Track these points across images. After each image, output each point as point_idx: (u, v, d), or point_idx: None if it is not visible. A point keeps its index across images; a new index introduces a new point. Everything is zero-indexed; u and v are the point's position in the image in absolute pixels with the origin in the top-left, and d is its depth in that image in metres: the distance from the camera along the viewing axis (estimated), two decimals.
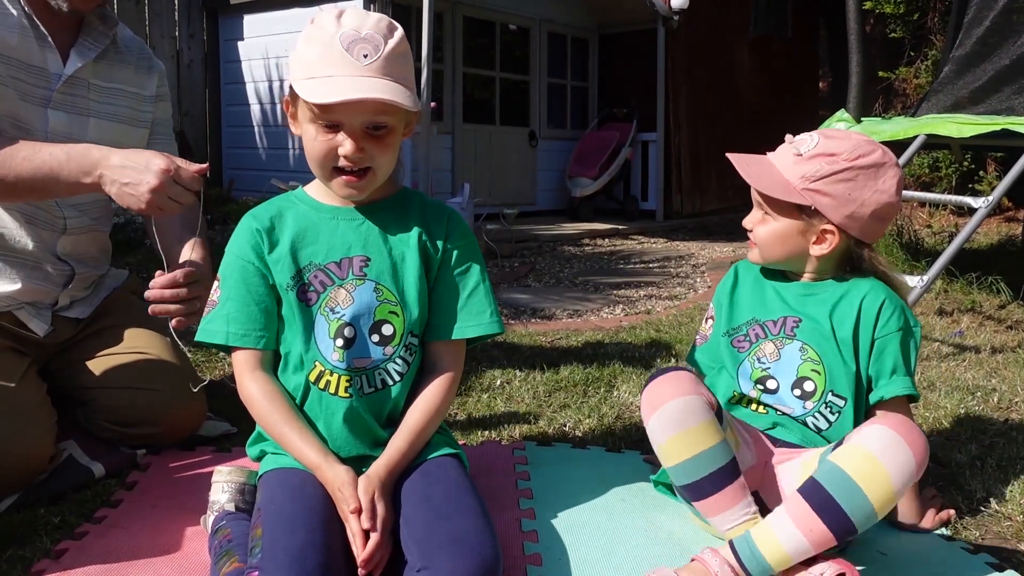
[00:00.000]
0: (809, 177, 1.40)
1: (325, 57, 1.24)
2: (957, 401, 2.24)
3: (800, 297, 1.50)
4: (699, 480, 1.35)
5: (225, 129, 7.33)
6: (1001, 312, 3.47)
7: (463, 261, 1.41)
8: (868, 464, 1.19)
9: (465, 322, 1.40)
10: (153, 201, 1.50)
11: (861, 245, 1.45)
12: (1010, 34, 3.47)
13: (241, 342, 1.35)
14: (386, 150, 1.31)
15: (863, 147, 1.40)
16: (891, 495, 1.19)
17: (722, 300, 1.59)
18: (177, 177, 1.50)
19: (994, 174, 7.07)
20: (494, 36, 7.70)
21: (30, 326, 1.76)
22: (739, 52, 8.78)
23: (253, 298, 1.35)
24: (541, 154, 8.07)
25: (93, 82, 1.78)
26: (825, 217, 1.41)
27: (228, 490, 1.41)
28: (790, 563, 1.20)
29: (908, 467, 1.19)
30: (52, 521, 1.49)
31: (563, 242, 6.34)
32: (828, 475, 1.22)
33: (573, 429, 2.03)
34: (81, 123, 1.76)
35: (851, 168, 1.38)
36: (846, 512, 1.19)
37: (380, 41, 1.26)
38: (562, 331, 3.12)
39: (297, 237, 1.36)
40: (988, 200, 2.73)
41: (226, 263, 1.38)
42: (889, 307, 1.43)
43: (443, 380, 1.40)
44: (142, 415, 1.78)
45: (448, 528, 1.19)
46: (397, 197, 1.42)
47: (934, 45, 7.90)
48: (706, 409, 1.35)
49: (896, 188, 1.40)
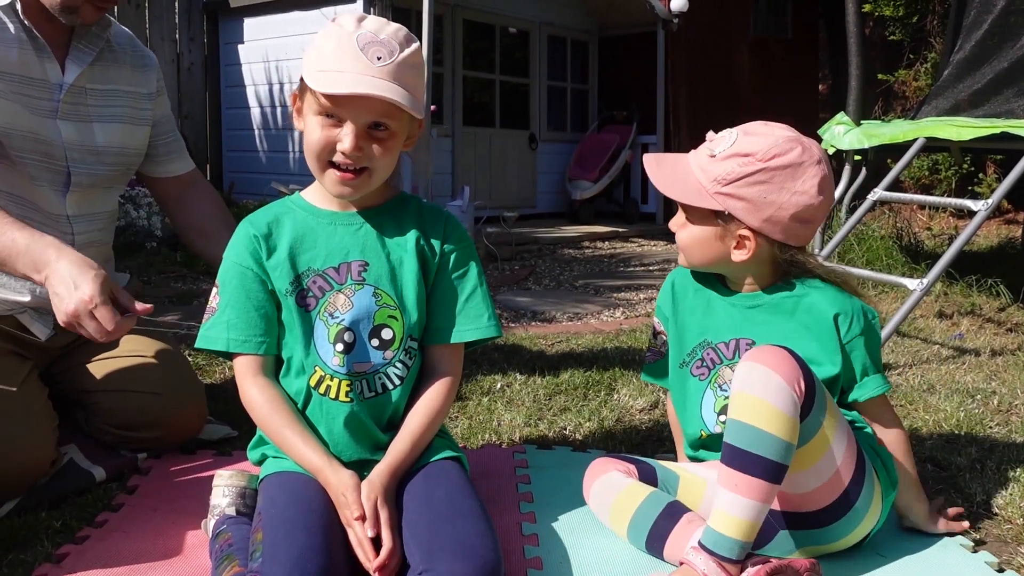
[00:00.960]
0: (721, 180, 1.32)
1: (339, 53, 1.26)
2: (957, 404, 2.24)
3: (746, 312, 1.43)
4: (649, 532, 1.35)
5: (225, 132, 7.33)
6: (1001, 315, 3.47)
7: (461, 265, 1.42)
8: (745, 401, 1.22)
9: (463, 326, 1.40)
10: (68, 323, 1.48)
11: (787, 249, 1.36)
12: (1009, 37, 3.48)
13: (242, 348, 1.35)
14: (385, 153, 1.31)
15: (780, 146, 1.30)
16: (780, 416, 1.19)
17: (666, 313, 1.54)
18: (95, 313, 1.46)
19: (993, 176, 7.08)
20: (494, 39, 7.71)
21: (32, 330, 1.76)
22: (739, 54, 8.79)
23: (253, 304, 1.35)
24: (541, 157, 8.08)
25: (91, 87, 1.78)
26: (741, 222, 1.33)
27: (229, 494, 1.41)
28: (753, 527, 1.20)
29: (776, 384, 1.20)
30: (53, 525, 1.49)
31: (563, 245, 6.34)
32: (729, 431, 1.24)
33: (573, 432, 2.03)
34: (88, 130, 1.77)
35: (765, 169, 1.29)
36: (758, 454, 1.20)
37: (396, 47, 1.28)
38: (562, 334, 3.13)
39: (295, 243, 1.37)
40: (988, 203, 2.74)
41: (224, 269, 1.38)
42: (845, 316, 1.36)
43: (442, 383, 1.40)
44: (143, 418, 1.79)
45: (450, 531, 1.19)
46: (394, 202, 1.42)
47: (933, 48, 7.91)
48: (622, 477, 1.45)
49: (818, 187, 1.31)
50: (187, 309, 3.58)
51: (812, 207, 1.32)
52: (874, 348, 1.39)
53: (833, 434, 1.27)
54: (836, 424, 1.28)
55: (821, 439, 1.26)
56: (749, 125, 1.36)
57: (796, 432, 1.22)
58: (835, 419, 1.28)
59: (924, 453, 1.90)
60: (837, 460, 1.28)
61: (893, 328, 2.61)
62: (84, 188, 1.78)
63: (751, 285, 1.43)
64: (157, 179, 1.99)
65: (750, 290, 1.43)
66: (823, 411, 1.26)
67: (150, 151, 1.95)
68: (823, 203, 1.33)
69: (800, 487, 1.29)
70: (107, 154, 1.81)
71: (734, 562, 1.20)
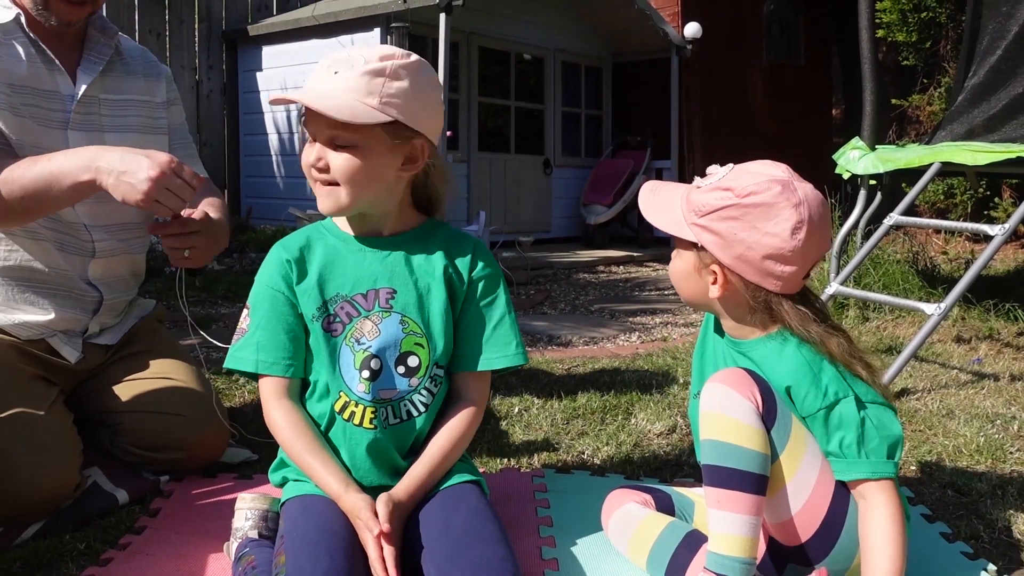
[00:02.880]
0: (698, 211, 1.29)
1: (313, 72, 1.31)
2: (976, 429, 2.23)
3: (729, 361, 1.37)
4: (669, 564, 1.36)
5: (244, 158, 7.43)
6: (1019, 339, 3.45)
7: (489, 292, 1.43)
8: (709, 420, 1.24)
9: (491, 354, 1.42)
10: (151, 192, 1.48)
11: (761, 292, 1.28)
12: (1022, 62, 3.49)
13: (270, 370, 1.37)
14: (349, 168, 1.29)
15: (760, 184, 1.25)
16: (742, 427, 1.21)
17: (695, 353, 1.53)
18: (179, 170, 1.49)
19: (1009, 200, 7.05)
20: (509, 65, 7.79)
21: (62, 353, 1.79)
22: (752, 80, 8.84)
23: (283, 327, 1.37)
24: (556, 182, 8.13)
25: (104, 97, 1.80)
26: (714, 257, 1.29)
27: (251, 517, 1.43)
28: (749, 542, 1.20)
29: (732, 397, 1.22)
30: (78, 548, 1.51)
31: (578, 269, 6.36)
32: (702, 452, 1.26)
33: (592, 457, 2.04)
34: (99, 140, 1.78)
35: (738, 205, 1.25)
36: (732, 467, 1.21)
37: (360, 61, 1.28)
38: (579, 358, 3.13)
39: (324, 268, 1.39)
40: (1005, 227, 2.74)
41: (255, 292, 1.41)
42: (800, 390, 1.26)
43: (468, 411, 1.42)
44: (167, 440, 1.81)
45: (470, 556, 1.20)
46: (423, 228, 1.44)
47: (947, 73, 7.92)
48: (639, 508, 1.46)
49: (791, 230, 1.23)
50: (207, 334, 3.61)
51: (784, 251, 1.24)
52: (845, 427, 1.25)
53: (802, 453, 1.25)
54: (804, 444, 1.26)
55: (789, 457, 1.25)
56: (751, 163, 1.33)
57: (765, 441, 1.22)
58: (802, 440, 1.26)
59: (944, 479, 1.89)
60: (811, 481, 1.25)
61: (911, 353, 2.61)
62: (94, 199, 1.75)
63: (734, 331, 1.37)
64: None
65: (735, 336, 1.38)
66: (787, 428, 1.25)
67: None
68: (799, 249, 1.24)
69: (779, 515, 1.28)
70: None
71: None
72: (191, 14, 7.09)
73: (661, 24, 7.60)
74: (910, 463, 2.01)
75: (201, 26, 7.17)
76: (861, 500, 1.25)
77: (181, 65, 7.01)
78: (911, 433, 2.23)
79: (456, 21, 6.10)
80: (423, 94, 1.32)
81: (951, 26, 7.45)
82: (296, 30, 6.76)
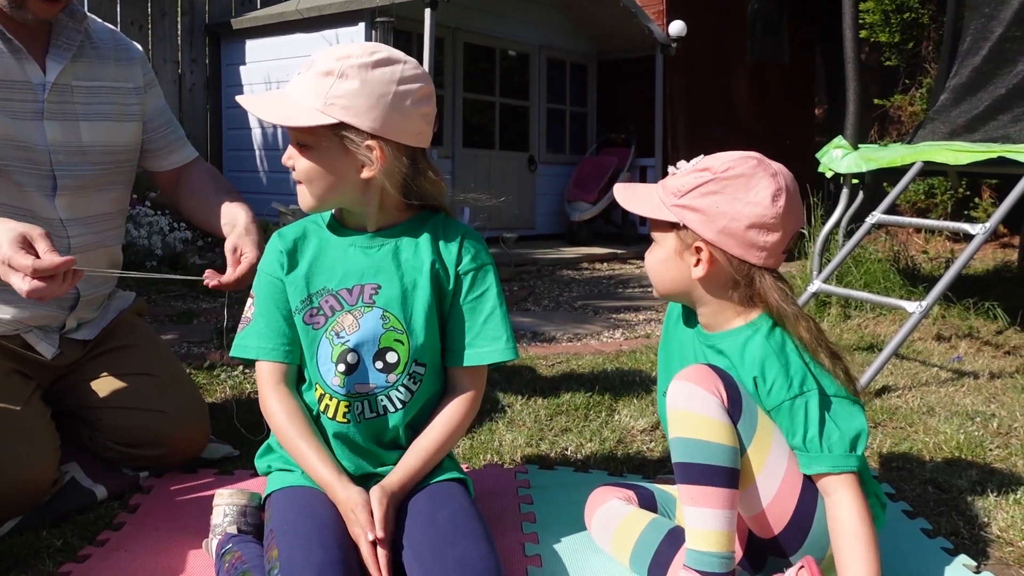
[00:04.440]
0: (677, 192, 1.30)
1: None
2: (956, 426, 2.25)
3: (699, 355, 1.37)
4: (651, 560, 1.36)
5: (226, 152, 7.37)
6: (999, 338, 3.48)
7: (478, 286, 1.42)
8: (676, 417, 1.25)
9: (480, 347, 1.41)
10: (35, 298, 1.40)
11: (744, 266, 1.29)
12: (1005, 63, 3.52)
13: (267, 356, 1.38)
14: (306, 169, 1.31)
15: (737, 162, 1.28)
16: (709, 421, 1.22)
17: (660, 351, 1.52)
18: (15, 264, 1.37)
19: (989, 200, 7.12)
20: (494, 62, 7.77)
21: (38, 349, 1.76)
22: (736, 78, 8.87)
23: (281, 313, 1.39)
24: (540, 179, 8.12)
25: (76, 84, 1.76)
26: (697, 235, 1.29)
27: (230, 513, 1.41)
28: (725, 536, 1.21)
29: (697, 393, 1.23)
30: (54, 544, 1.49)
31: (562, 266, 6.36)
32: (672, 450, 1.26)
33: (575, 453, 2.04)
34: (73, 128, 1.74)
35: (717, 179, 1.27)
36: (702, 463, 1.22)
37: (319, 61, 1.29)
38: (562, 355, 3.13)
39: (315, 261, 1.39)
40: (985, 227, 2.76)
41: (258, 280, 1.43)
42: (767, 381, 1.27)
43: (462, 403, 1.42)
44: (147, 436, 1.79)
45: (453, 553, 1.20)
46: (414, 221, 1.42)
47: (928, 73, 7.98)
48: (622, 505, 1.47)
49: (771, 197, 1.26)
50: (187, 328, 3.58)
51: (766, 218, 1.26)
52: (808, 421, 1.25)
53: (769, 445, 1.26)
54: (771, 437, 1.26)
55: (757, 450, 1.25)
56: (717, 154, 1.34)
57: (733, 435, 1.23)
58: (769, 433, 1.26)
59: (925, 475, 1.91)
60: (779, 473, 1.26)
61: (892, 350, 2.62)
62: (72, 191, 1.75)
63: (710, 318, 1.36)
64: (160, 172, 1.97)
65: (709, 326, 1.37)
66: (753, 421, 1.25)
67: (149, 146, 1.92)
68: (780, 216, 1.26)
69: (751, 508, 1.29)
70: (92, 153, 1.78)
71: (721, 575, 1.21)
72: (174, 7, 7.01)
73: (646, 22, 7.60)
74: (891, 460, 2.02)
75: (184, 19, 7.09)
76: (826, 496, 1.26)
77: (163, 58, 6.94)
78: (892, 430, 2.25)
79: (441, 16, 6.07)
80: (377, 93, 1.27)
81: (933, 27, 7.51)
82: (280, 24, 6.71)
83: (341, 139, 1.29)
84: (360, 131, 1.28)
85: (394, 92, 1.28)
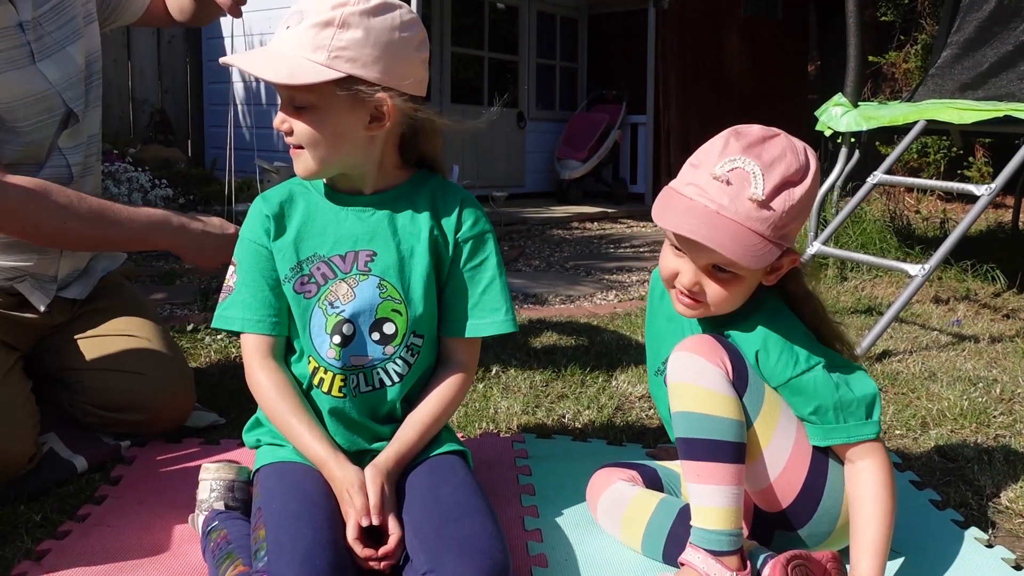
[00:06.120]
0: (779, 225, 1.17)
1: None
2: (959, 392, 2.21)
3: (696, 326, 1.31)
4: (666, 541, 1.30)
5: (208, 107, 7.19)
6: (997, 300, 3.45)
7: (477, 255, 1.34)
8: (678, 391, 1.20)
9: (479, 319, 1.34)
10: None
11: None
12: (1011, 19, 3.42)
13: (254, 328, 1.30)
14: (308, 132, 1.21)
15: (792, 155, 1.18)
16: (713, 395, 1.17)
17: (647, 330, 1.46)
18: None
19: (983, 160, 7.08)
20: (483, 15, 7.59)
21: (31, 299, 1.71)
22: (729, 34, 8.71)
23: (267, 282, 1.30)
24: (530, 136, 7.99)
25: (39, 15, 1.68)
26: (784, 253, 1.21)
27: (217, 488, 1.35)
28: (732, 513, 1.17)
29: (701, 365, 1.18)
30: (33, 519, 1.43)
31: (552, 225, 6.28)
32: (675, 424, 1.21)
33: (573, 420, 1.98)
34: (65, 58, 1.71)
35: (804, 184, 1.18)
36: (706, 438, 1.17)
37: (311, 12, 1.18)
38: (556, 317, 3.07)
39: (303, 226, 1.30)
40: (991, 187, 2.70)
41: (239, 247, 1.33)
42: (771, 356, 1.21)
43: (457, 375, 1.35)
44: (128, 400, 1.72)
45: (456, 531, 1.14)
46: (410, 184, 1.34)
47: (923, 29, 7.88)
48: (628, 487, 1.40)
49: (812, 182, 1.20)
50: (170, 289, 3.50)
51: (807, 209, 1.21)
52: (820, 393, 1.21)
53: (777, 417, 1.22)
54: (778, 409, 1.22)
55: (764, 423, 1.21)
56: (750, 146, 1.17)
57: (738, 408, 1.18)
58: (776, 405, 1.22)
59: (930, 443, 1.87)
60: (787, 446, 1.22)
61: (894, 315, 2.57)
62: (80, 118, 1.74)
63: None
64: (147, 13, 1.96)
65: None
66: (759, 393, 1.21)
67: (109, 17, 1.90)
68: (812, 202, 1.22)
69: (758, 482, 1.24)
70: (90, 72, 1.79)
71: (729, 553, 1.16)
72: None
73: None
74: (895, 427, 1.98)
75: None
76: (848, 464, 1.23)
77: None
78: (894, 396, 2.20)
79: None
80: (383, 41, 1.19)
81: None
82: None
83: (349, 94, 1.19)
84: (370, 83, 1.19)
85: (398, 38, 1.21)
